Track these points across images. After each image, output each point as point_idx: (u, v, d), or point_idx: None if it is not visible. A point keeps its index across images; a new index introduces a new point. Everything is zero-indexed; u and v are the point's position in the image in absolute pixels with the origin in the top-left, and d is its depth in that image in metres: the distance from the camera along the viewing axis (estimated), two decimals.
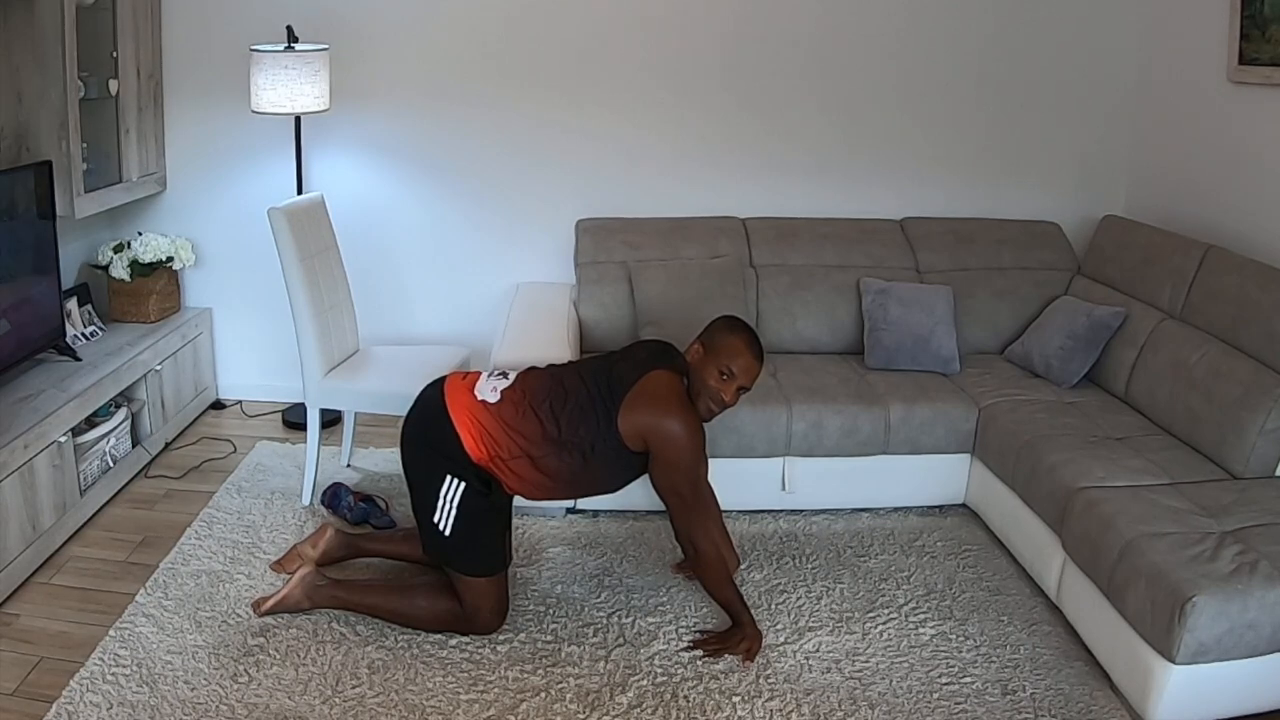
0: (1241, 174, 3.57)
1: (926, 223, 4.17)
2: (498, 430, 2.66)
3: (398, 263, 4.31)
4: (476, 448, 2.66)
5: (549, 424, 2.66)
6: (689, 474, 2.64)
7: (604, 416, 2.64)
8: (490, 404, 2.70)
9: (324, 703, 2.51)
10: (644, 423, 2.61)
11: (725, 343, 2.70)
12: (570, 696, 2.58)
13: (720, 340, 2.71)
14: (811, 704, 2.57)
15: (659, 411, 2.61)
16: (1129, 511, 2.69)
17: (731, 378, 2.69)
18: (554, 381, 2.75)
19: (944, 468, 3.52)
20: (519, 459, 2.67)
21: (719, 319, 2.80)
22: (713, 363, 2.69)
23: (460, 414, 2.68)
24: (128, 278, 3.95)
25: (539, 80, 4.12)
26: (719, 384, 2.69)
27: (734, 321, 2.77)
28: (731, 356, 2.68)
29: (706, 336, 2.75)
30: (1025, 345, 3.78)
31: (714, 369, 2.69)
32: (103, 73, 3.67)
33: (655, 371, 2.68)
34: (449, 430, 2.67)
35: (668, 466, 2.63)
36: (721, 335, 2.72)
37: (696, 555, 2.71)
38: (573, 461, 2.67)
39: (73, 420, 3.24)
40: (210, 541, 3.23)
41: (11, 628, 2.78)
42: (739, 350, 2.69)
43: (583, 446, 2.65)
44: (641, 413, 2.61)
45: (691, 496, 2.66)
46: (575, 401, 2.68)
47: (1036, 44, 4.16)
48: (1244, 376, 3.00)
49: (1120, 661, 2.59)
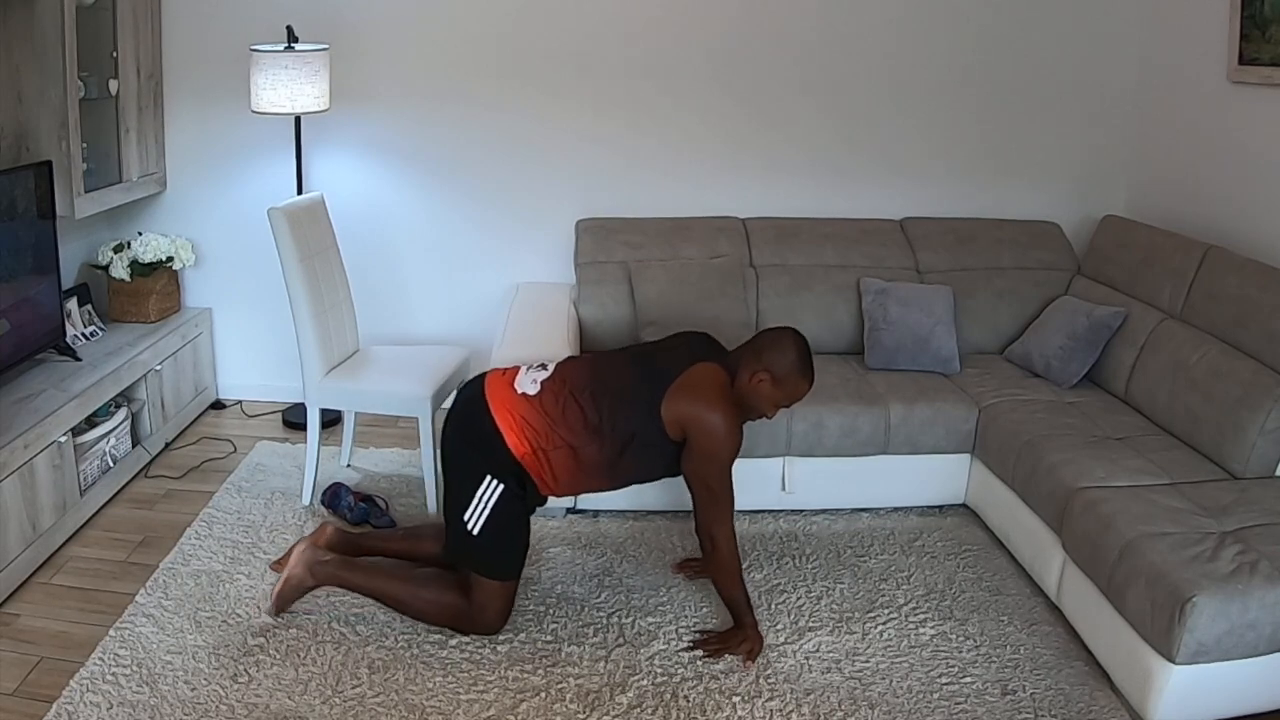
0: (1241, 174, 3.57)
1: (926, 223, 4.17)
2: (539, 422, 2.67)
3: (398, 263, 4.31)
4: (519, 442, 2.66)
5: (590, 412, 2.66)
6: (722, 469, 2.66)
7: (647, 404, 2.65)
8: (531, 396, 2.70)
9: (324, 703, 2.51)
10: (687, 412, 2.63)
11: (796, 387, 2.74)
12: (570, 696, 2.58)
13: (792, 382, 2.73)
14: (811, 704, 2.57)
15: (703, 403, 2.63)
16: (1129, 511, 2.69)
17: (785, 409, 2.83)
18: (595, 369, 2.77)
19: (944, 468, 3.52)
20: (560, 450, 2.67)
21: (792, 347, 2.74)
22: (777, 395, 2.73)
23: (501, 409, 2.69)
24: (128, 278, 3.95)
25: (539, 80, 4.12)
26: (773, 410, 2.77)
27: (806, 362, 2.74)
28: (795, 398, 2.77)
29: (779, 371, 2.71)
30: (1025, 345, 3.78)
31: (774, 402, 2.74)
32: (103, 73, 3.67)
33: (703, 364, 2.71)
34: (490, 427, 2.67)
35: (703, 458, 2.64)
36: (794, 378, 2.73)
37: (715, 551, 2.72)
38: (611, 451, 2.68)
39: (73, 420, 3.24)
40: (210, 541, 3.23)
41: (11, 628, 2.78)
42: (803, 394, 2.78)
43: (623, 434, 2.66)
44: (686, 402, 2.63)
45: (720, 491, 2.68)
46: (617, 389, 2.69)
47: (1037, 44, 4.16)
48: (1244, 376, 3.00)
49: (1120, 661, 2.59)
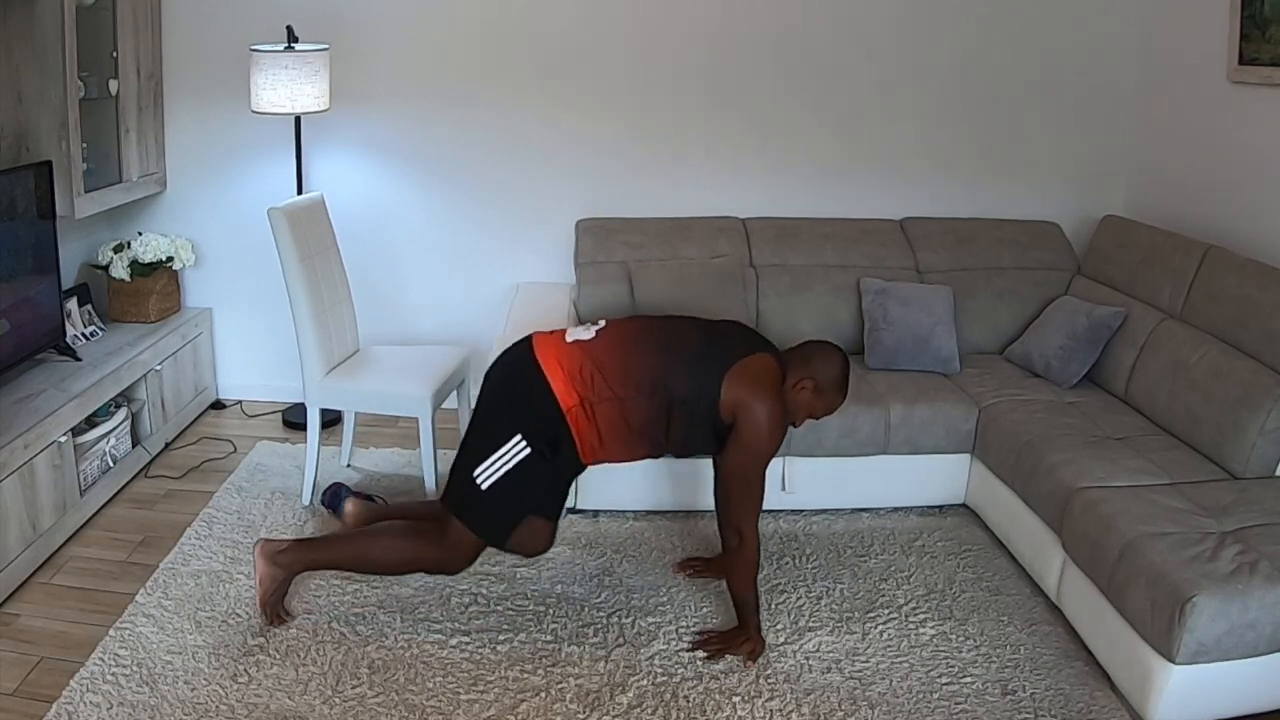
0: (1241, 174, 3.57)
1: (926, 223, 4.17)
2: (590, 369, 2.61)
3: (398, 263, 4.31)
4: (567, 392, 2.59)
5: (646, 366, 2.62)
6: (761, 463, 2.65)
7: (709, 375, 2.62)
8: (585, 341, 2.67)
9: (324, 703, 2.51)
10: (746, 398, 2.60)
11: (834, 400, 2.77)
12: (570, 696, 2.58)
13: (831, 395, 2.75)
14: (811, 704, 2.57)
15: (762, 394, 2.61)
16: (1129, 511, 2.69)
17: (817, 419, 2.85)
18: (658, 327, 2.75)
19: (944, 468, 3.52)
20: (606, 403, 2.60)
21: (838, 361, 2.76)
22: (815, 405, 2.75)
23: (550, 360, 2.63)
24: (128, 278, 3.95)
25: (539, 80, 4.12)
26: (804, 419, 2.79)
27: (847, 378, 2.78)
28: (829, 411, 2.80)
29: (823, 381, 2.72)
30: (1025, 345, 3.78)
31: (810, 410, 2.76)
32: (103, 73, 3.67)
33: (764, 356, 2.70)
34: (537, 378, 2.61)
35: (745, 449, 2.63)
36: (834, 391, 2.75)
37: (741, 545, 2.69)
38: (659, 410, 2.62)
39: (73, 420, 3.24)
40: (210, 541, 3.23)
41: (11, 628, 2.78)
42: (836, 409, 2.81)
43: (675, 397, 2.61)
44: (747, 389, 2.60)
45: (756, 486, 2.67)
46: (682, 352, 2.66)
47: (1037, 44, 4.16)
48: (1244, 376, 3.00)
49: (1120, 661, 2.59)
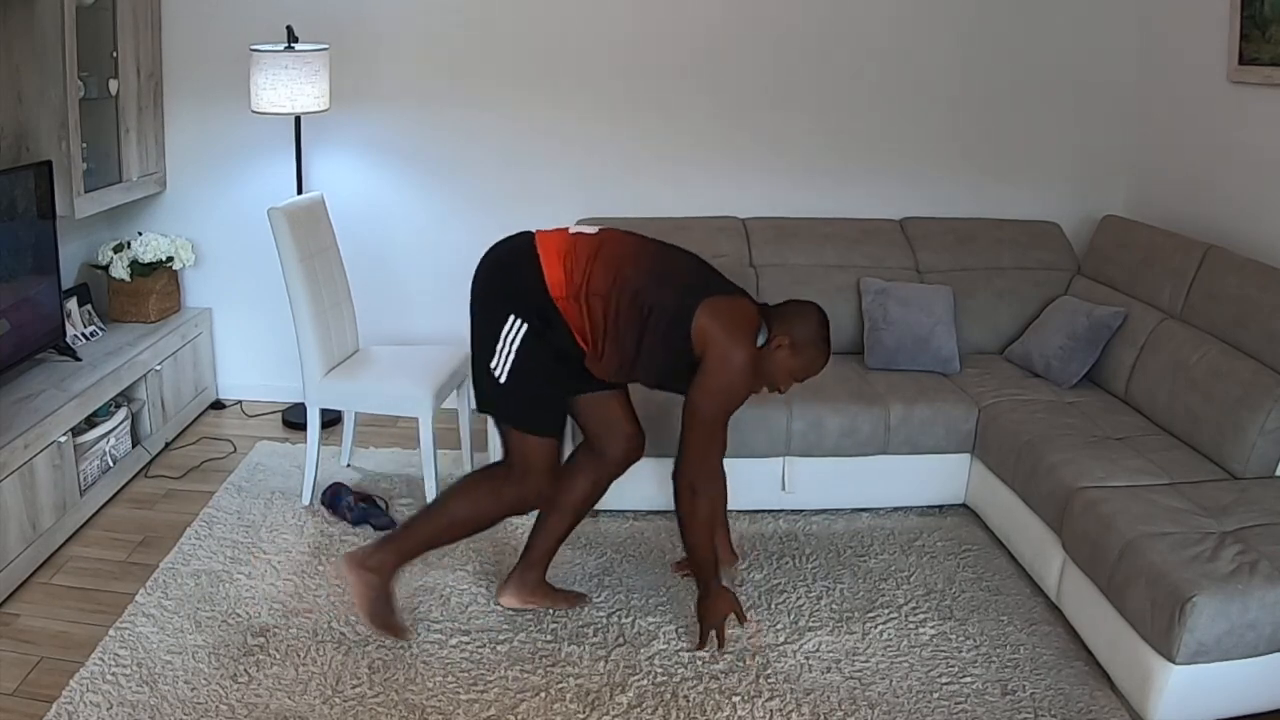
0: (1241, 174, 3.57)
1: (926, 223, 4.17)
2: (589, 259, 2.58)
3: (398, 262, 4.31)
4: (562, 281, 2.56)
5: (637, 269, 2.58)
6: (720, 406, 2.57)
7: (690, 296, 2.56)
8: (587, 234, 2.66)
9: (324, 703, 2.51)
10: (714, 332, 2.52)
11: (814, 360, 2.67)
12: (570, 696, 2.58)
13: (810, 353, 2.66)
14: (811, 704, 2.57)
15: (734, 334, 2.53)
16: (1129, 511, 2.69)
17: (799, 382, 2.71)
18: (654, 244, 2.71)
19: (944, 468, 3.52)
20: (597, 297, 2.56)
21: (815, 320, 2.68)
22: (793, 365, 2.65)
23: (550, 253, 2.60)
24: (128, 278, 3.95)
25: (539, 80, 4.12)
26: (786, 381, 2.68)
27: (827, 337, 2.69)
28: (811, 371, 2.69)
29: (800, 340, 2.64)
30: (1025, 345, 3.78)
31: (789, 371, 2.66)
32: (103, 73, 3.67)
33: (746, 301, 2.64)
34: (531, 268, 2.58)
35: (710, 390, 2.54)
36: (813, 354, 2.66)
37: (693, 500, 2.61)
38: (637, 318, 2.56)
39: (73, 420, 3.24)
40: (210, 541, 3.23)
41: (11, 628, 2.78)
42: (818, 369, 2.70)
43: (653, 304, 2.55)
44: (719, 324, 2.53)
45: (715, 433, 2.61)
46: (669, 269, 2.62)
47: (1037, 44, 4.16)
48: (1244, 376, 3.00)
49: (1120, 661, 2.59)
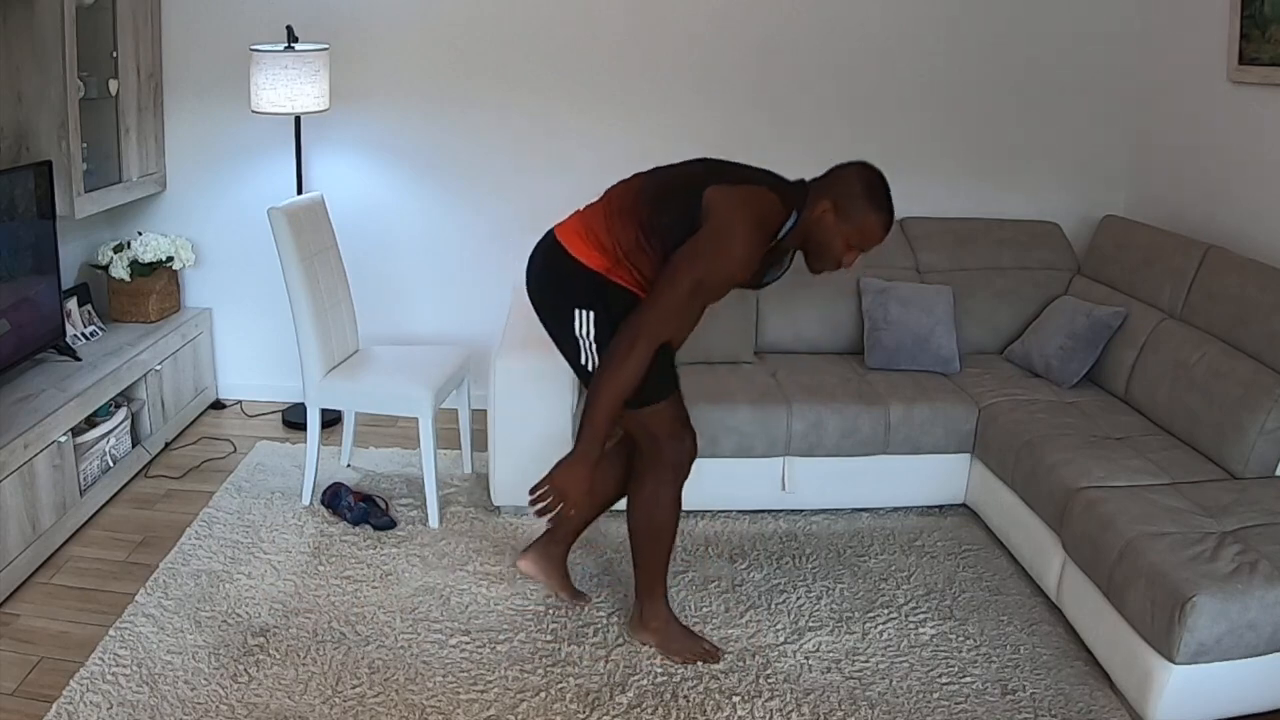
0: (1241, 174, 3.57)
1: (926, 223, 4.17)
2: (605, 221, 2.55)
3: (398, 263, 4.31)
4: (600, 258, 2.53)
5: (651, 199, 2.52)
6: (700, 273, 2.40)
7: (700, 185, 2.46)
8: (595, 202, 2.64)
9: (324, 703, 2.51)
10: (719, 204, 2.41)
11: (865, 220, 2.41)
12: (570, 696, 2.58)
13: (859, 216, 2.41)
14: (811, 704, 2.57)
15: (737, 209, 2.40)
16: (1129, 511, 2.69)
17: (859, 251, 2.46)
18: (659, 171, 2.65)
19: (944, 468, 3.52)
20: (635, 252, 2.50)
21: (856, 176, 2.45)
22: (844, 232, 2.43)
23: (571, 235, 2.58)
24: (128, 278, 3.95)
25: (539, 80, 4.12)
26: (844, 252, 2.46)
27: (874, 190, 2.43)
28: (867, 237, 2.44)
29: (842, 200, 2.43)
30: (1025, 345, 3.78)
31: (842, 239, 2.44)
32: (103, 73, 3.67)
33: (766, 189, 2.48)
34: (565, 258, 2.56)
35: (692, 249, 2.40)
36: (862, 211, 2.41)
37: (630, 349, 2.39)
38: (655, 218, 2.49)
39: (73, 420, 3.23)
40: (210, 541, 3.23)
41: (11, 628, 2.78)
42: (876, 233, 2.44)
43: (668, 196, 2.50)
44: (723, 196, 2.42)
45: (678, 291, 2.41)
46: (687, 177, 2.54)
47: (1037, 44, 4.16)
48: (1244, 376, 3.00)
49: (1120, 661, 2.59)
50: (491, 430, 3.33)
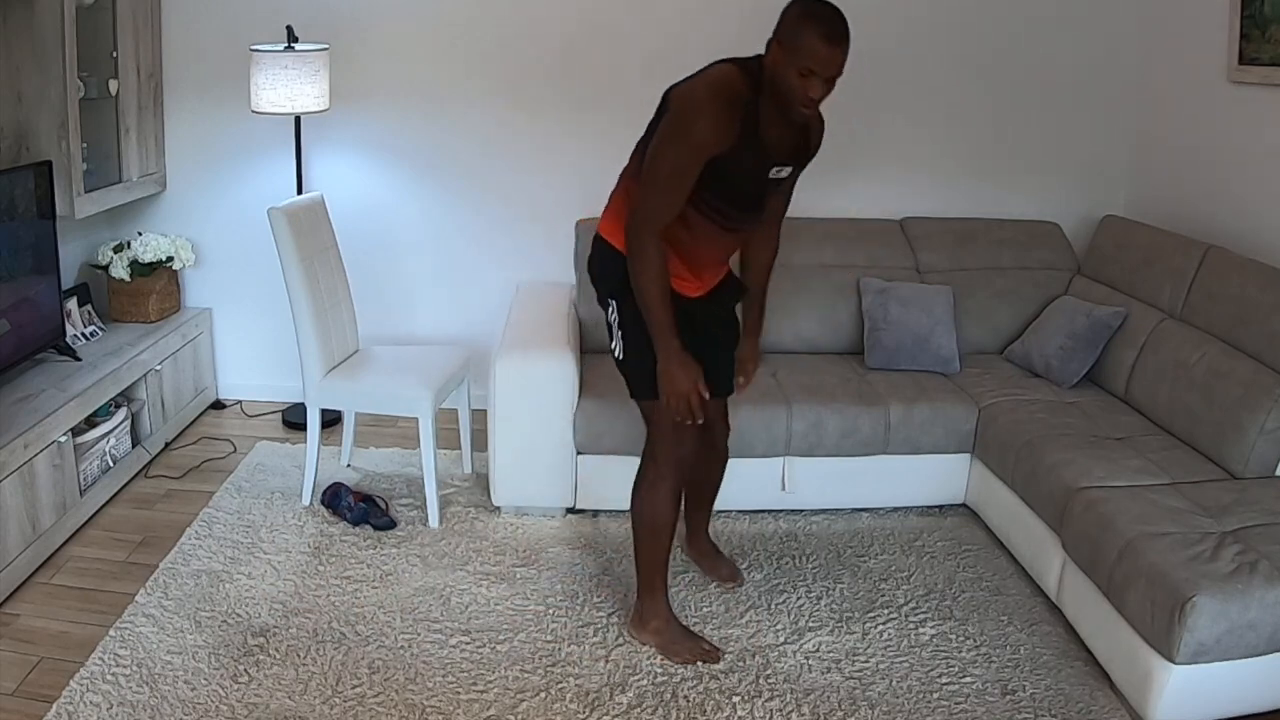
0: (1241, 174, 3.57)
1: (926, 223, 4.17)
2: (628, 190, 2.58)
3: (398, 263, 4.31)
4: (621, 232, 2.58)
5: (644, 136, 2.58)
6: (670, 150, 2.41)
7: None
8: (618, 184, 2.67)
9: (324, 703, 2.51)
10: (676, 93, 2.45)
11: (806, 42, 2.31)
12: (570, 696, 2.58)
13: (799, 39, 2.32)
14: (811, 704, 2.57)
15: (693, 88, 2.42)
16: (1129, 511, 2.69)
17: (813, 74, 2.35)
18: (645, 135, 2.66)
19: (944, 468, 3.52)
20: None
21: (793, 5, 2.38)
22: (791, 63, 2.34)
23: (605, 219, 2.66)
24: (128, 278, 3.95)
25: (539, 80, 4.12)
26: (802, 83, 2.36)
27: (810, 11, 2.35)
28: (813, 57, 2.32)
29: (783, 32, 2.37)
30: (1025, 345, 3.78)
31: (793, 69, 2.34)
32: (103, 73, 3.67)
33: (723, 64, 2.46)
34: (603, 247, 2.64)
35: (659, 134, 2.45)
36: (800, 33, 2.32)
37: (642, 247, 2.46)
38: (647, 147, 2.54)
39: (73, 420, 3.23)
40: (210, 541, 3.23)
41: (11, 628, 2.78)
42: (819, 49, 2.31)
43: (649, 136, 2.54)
44: (682, 87, 2.45)
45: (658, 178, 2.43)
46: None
47: (1036, 44, 4.16)
48: (1244, 376, 3.00)
49: (1120, 661, 2.59)
50: (491, 430, 3.34)
